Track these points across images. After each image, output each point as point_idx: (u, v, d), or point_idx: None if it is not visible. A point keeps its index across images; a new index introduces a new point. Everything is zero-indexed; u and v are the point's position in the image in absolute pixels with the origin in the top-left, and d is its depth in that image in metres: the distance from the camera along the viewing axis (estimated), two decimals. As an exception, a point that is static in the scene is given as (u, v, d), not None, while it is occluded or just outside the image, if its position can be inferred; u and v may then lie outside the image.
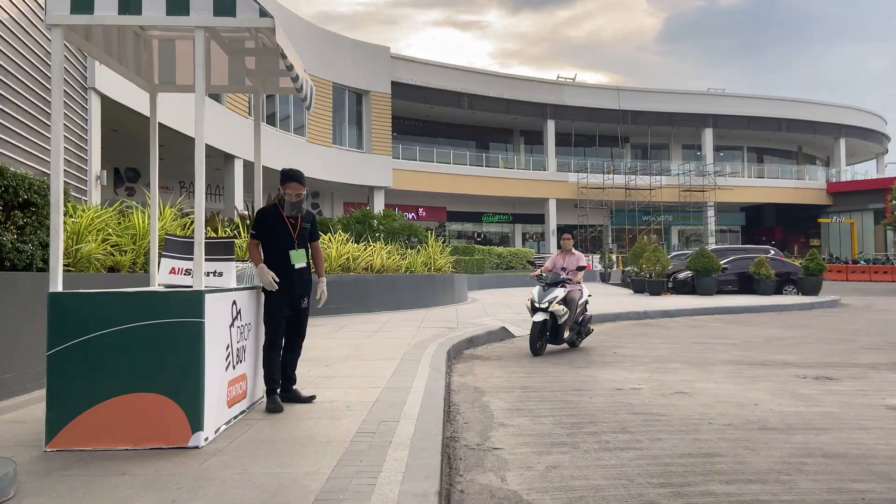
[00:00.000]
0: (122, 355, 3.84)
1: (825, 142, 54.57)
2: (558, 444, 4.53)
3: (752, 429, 4.95)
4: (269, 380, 4.99)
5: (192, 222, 4.91)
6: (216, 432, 4.12)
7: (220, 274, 4.69)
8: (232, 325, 4.45)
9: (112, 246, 7.86)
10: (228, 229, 12.35)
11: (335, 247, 14.67)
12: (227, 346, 4.36)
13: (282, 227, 5.07)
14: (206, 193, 32.82)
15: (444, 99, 41.95)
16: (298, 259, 5.10)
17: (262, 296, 5.04)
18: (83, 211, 7.78)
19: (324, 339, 9.46)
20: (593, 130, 48.04)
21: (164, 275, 4.80)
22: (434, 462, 3.58)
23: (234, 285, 4.74)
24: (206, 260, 4.34)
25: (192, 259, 4.51)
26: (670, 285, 23.01)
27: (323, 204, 37.35)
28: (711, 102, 49.28)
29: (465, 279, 20.16)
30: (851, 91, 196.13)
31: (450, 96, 42.01)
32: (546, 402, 5.95)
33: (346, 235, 15.97)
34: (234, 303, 4.51)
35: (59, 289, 3.90)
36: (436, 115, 44.65)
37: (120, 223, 8.42)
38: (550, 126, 45.93)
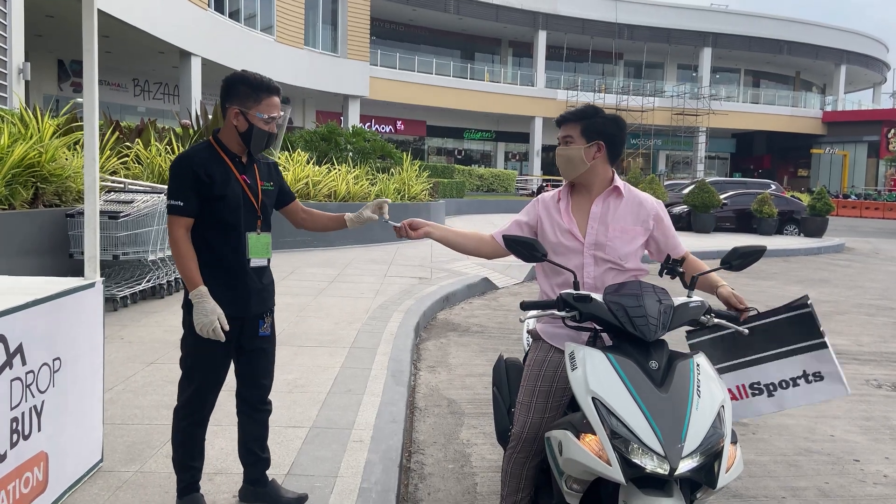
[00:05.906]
0: None
1: (825, 68, 51.89)
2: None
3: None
4: (180, 466, 2.77)
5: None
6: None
7: None
8: None
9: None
10: (161, 147, 10.01)
11: (293, 169, 12.48)
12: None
13: (231, 186, 2.65)
14: (162, 94, 29.92)
15: (428, 0, 38.50)
16: (260, 250, 2.74)
17: (92, 305, 2.97)
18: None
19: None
20: (586, 45, 44.88)
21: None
22: None
23: None
24: None
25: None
26: (664, 220, 21.18)
27: (294, 113, 34.41)
28: (713, 19, 46.13)
29: (443, 207, 18.12)
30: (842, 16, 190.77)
31: (435, -2, 38.61)
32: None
33: (308, 155, 13.75)
34: (3, 338, 2.44)
35: None
36: (419, 18, 41.13)
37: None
38: (541, 37, 42.71)
